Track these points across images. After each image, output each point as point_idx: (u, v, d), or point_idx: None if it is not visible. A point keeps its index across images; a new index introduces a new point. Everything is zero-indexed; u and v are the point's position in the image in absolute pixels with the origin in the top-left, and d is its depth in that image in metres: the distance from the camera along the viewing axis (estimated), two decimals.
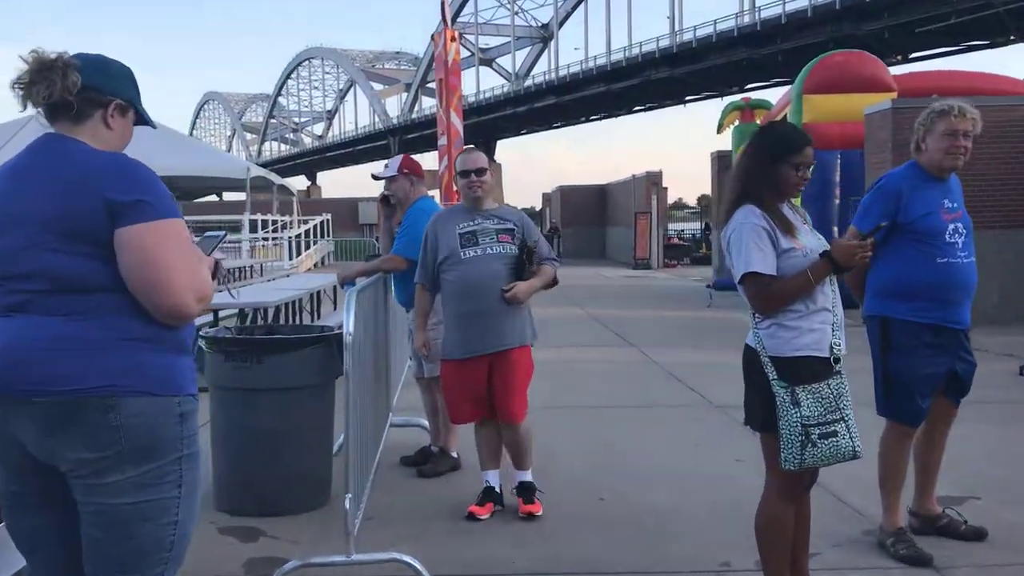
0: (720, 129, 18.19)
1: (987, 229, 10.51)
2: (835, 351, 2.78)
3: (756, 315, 2.83)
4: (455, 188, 4.57)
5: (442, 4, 32.92)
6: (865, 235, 2.94)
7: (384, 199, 4.87)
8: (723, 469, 4.80)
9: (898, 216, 3.46)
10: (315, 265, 26.70)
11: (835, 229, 13.33)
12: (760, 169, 2.84)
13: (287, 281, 10.20)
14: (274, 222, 26.83)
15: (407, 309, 4.82)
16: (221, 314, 7.29)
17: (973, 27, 40.41)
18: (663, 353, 8.79)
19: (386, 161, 5.06)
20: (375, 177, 4.85)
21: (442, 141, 30.89)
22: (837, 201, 13.22)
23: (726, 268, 17.63)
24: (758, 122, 17.35)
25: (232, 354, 4.04)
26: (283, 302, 7.97)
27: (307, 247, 27.95)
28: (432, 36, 32.33)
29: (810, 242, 2.84)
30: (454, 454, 4.80)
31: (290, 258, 24.92)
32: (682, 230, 39.86)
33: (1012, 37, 42.30)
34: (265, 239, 25.86)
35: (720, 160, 19.02)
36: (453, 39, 32.75)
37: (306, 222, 29.11)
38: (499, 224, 4.00)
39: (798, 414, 2.69)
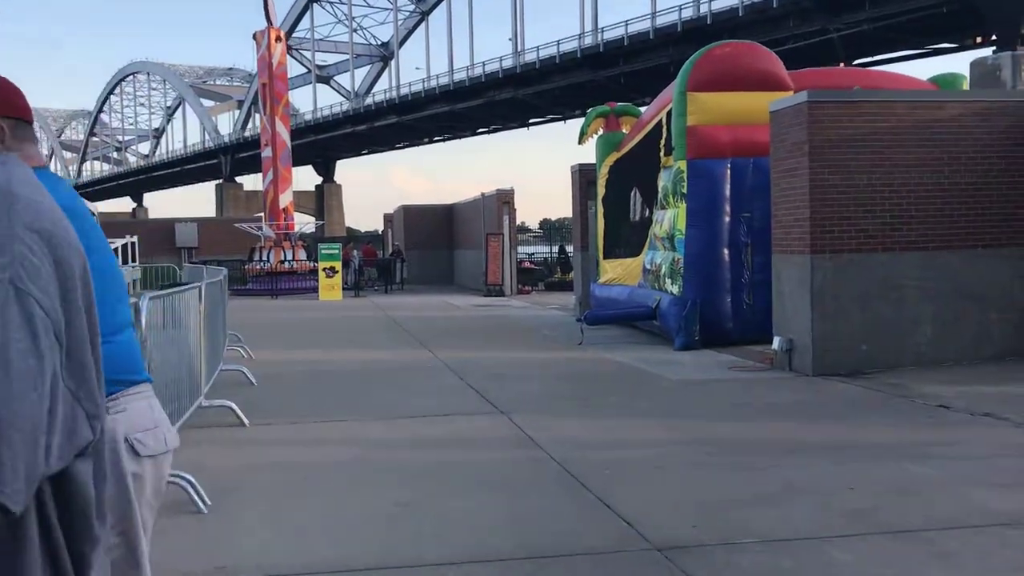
0: (583, 138, 16.07)
1: (916, 251, 8.81)
2: None
3: None
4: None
5: (265, 2, 29.29)
6: None
7: None
8: None
9: None
10: None
11: (725, 252, 11.43)
12: None
13: None
14: None
15: None
16: None
17: (809, 52, 41.52)
18: (548, 427, 6.24)
19: None
20: None
21: (266, 153, 27.25)
22: (727, 219, 11.25)
23: (594, 296, 15.38)
24: (624, 131, 15.39)
25: None
26: None
27: None
28: (254, 36, 28.87)
29: None
30: None
31: None
32: (532, 253, 37.89)
33: (842, 64, 44.00)
34: None
35: (583, 174, 16.92)
36: (278, 39, 29.13)
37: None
38: None
39: None
